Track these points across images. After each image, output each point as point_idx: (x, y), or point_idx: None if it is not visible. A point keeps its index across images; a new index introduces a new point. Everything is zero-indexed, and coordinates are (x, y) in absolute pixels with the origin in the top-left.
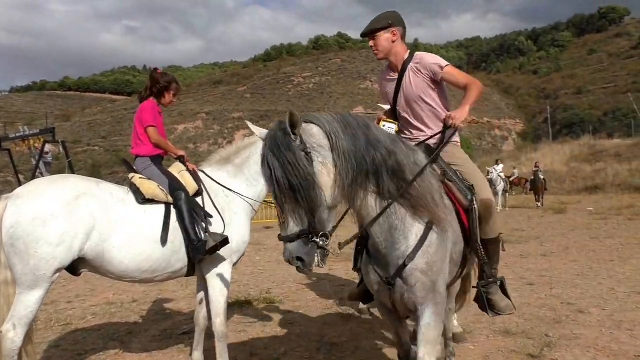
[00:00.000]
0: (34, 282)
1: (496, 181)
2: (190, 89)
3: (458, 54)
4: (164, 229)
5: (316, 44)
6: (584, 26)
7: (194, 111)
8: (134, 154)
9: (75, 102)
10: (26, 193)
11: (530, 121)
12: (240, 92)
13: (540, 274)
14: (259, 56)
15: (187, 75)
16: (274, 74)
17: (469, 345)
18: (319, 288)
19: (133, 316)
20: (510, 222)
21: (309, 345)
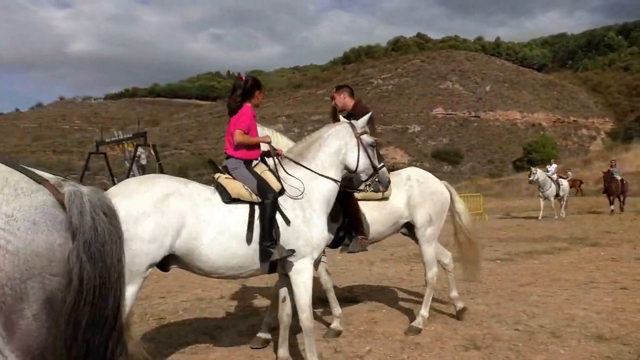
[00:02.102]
0: (129, 278)
1: (544, 184)
2: (271, 93)
3: (542, 52)
4: (249, 228)
5: (395, 45)
6: None
7: (275, 114)
8: (228, 154)
9: (163, 107)
10: (118, 192)
11: (621, 120)
12: (320, 95)
13: (635, 278)
14: (337, 59)
15: (268, 79)
16: (353, 76)
17: (559, 350)
18: (401, 288)
19: (221, 312)
20: (601, 224)
21: (392, 344)
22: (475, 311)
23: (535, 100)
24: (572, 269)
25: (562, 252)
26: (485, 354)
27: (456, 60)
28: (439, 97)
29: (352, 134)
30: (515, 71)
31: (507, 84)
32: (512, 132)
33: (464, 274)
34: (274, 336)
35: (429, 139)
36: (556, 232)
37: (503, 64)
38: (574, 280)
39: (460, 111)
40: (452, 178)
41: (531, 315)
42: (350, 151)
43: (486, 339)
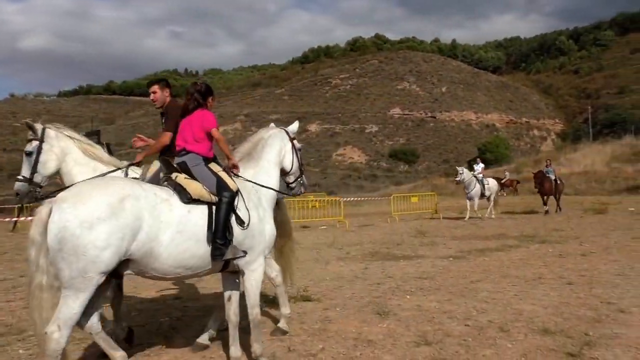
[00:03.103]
0: (81, 285)
1: (469, 184)
2: (229, 91)
3: (497, 54)
4: (209, 227)
5: (354, 45)
6: (627, 25)
7: (233, 113)
8: (188, 149)
9: (119, 105)
10: (71, 197)
11: (570, 121)
12: (278, 94)
13: (580, 273)
14: (296, 58)
15: (227, 78)
16: (312, 76)
17: (507, 344)
18: (356, 286)
19: (176, 312)
20: (549, 222)
21: (346, 342)
22: (427, 308)
23: (490, 101)
24: (522, 265)
25: (512, 249)
26: (435, 349)
27: (413, 61)
28: (396, 97)
29: (287, 137)
30: (471, 73)
31: (462, 85)
32: (467, 133)
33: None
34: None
35: (386, 138)
36: (507, 230)
37: (459, 65)
38: (523, 276)
39: (417, 111)
40: (408, 177)
41: (481, 310)
42: (287, 153)
43: (437, 335)
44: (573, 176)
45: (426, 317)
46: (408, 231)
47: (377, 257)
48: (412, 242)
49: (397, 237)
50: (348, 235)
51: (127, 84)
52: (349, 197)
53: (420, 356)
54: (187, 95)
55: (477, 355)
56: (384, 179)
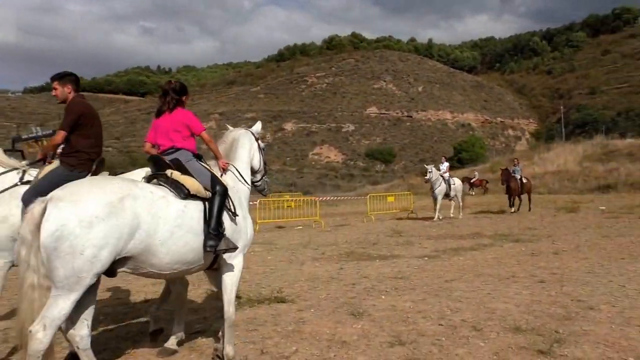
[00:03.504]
0: (74, 285)
1: (435, 183)
2: (204, 89)
3: (472, 54)
4: (205, 222)
5: (330, 44)
6: (598, 26)
7: (207, 111)
8: (177, 147)
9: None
10: (68, 195)
11: (544, 121)
12: (254, 92)
13: (552, 271)
14: (272, 56)
15: (201, 75)
16: (287, 74)
17: (479, 343)
18: (331, 287)
19: (145, 316)
20: (523, 221)
21: (320, 344)
22: (402, 308)
23: (465, 101)
24: (495, 264)
25: (486, 248)
26: (409, 349)
27: (390, 60)
28: (372, 96)
29: (253, 137)
30: (447, 72)
31: (438, 85)
32: (443, 132)
33: None
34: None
35: (363, 138)
36: (482, 229)
37: (435, 65)
38: (497, 275)
39: (394, 111)
40: (384, 177)
41: (455, 310)
42: (255, 152)
43: (411, 335)
44: (547, 175)
45: (401, 317)
46: (384, 231)
47: (353, 257)
48: (387, 242)
49: (373, 236)
50: (324, 235)
51: (96, 80)
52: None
53: (394, 356)
54: (163, 93)
55: (450, 355)
56: (360, 179)
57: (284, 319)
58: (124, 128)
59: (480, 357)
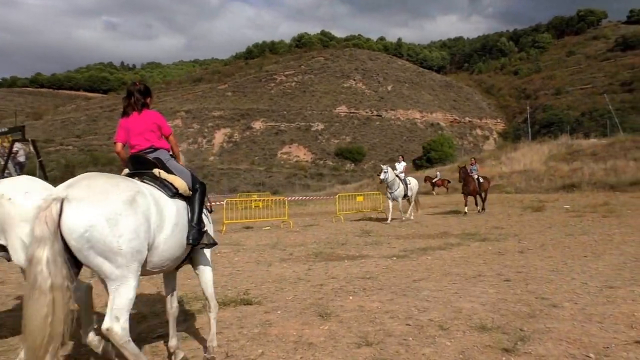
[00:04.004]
0: (128, 274)
1: (392, 184)
2: (169, 86)
3: (441, 54)
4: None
5: (299, 41)
6: (563, 28)
7: (173, 109)
8: (156, 147)
9: (47, 99)
10: (86, 195)
11: (511, 121)
12: (221, 90)
13: (517, 270)
14: (240, 54)
15: (167, 72)
16: (256, 72)
17: (445, 342)
18: (298, 288)
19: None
20: (490, 220)
21: (286, 346)
22: (370, 308)
23: (434, 100)
24: (463, 263)
25: (454, 248)
26: (376, 349)
27: (359, 59)
28: (342, 95)
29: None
30: (416, 72)
31: (407, 84)
32: (412, 131)
33: None
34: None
35: (332, 137)
36: (450, 228)
37: (404, 64)
38: (464, 274)
39: (363, 110)
40: (354, 176)
41: (422, 309)
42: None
43: (378, 335)
44: (514, 175)
45: (368, 318)
46: (353, 231)
47: (321, 258)
48: (356, 242)
49: (342, 237)
50: (292, 235)
51: (56, 76)
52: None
53: (360, 357)
54: (128, 94)
55: (417, 354)
56: (330, 178)
57: (250, 321)
58: (85, 126)
59: (446, 356)
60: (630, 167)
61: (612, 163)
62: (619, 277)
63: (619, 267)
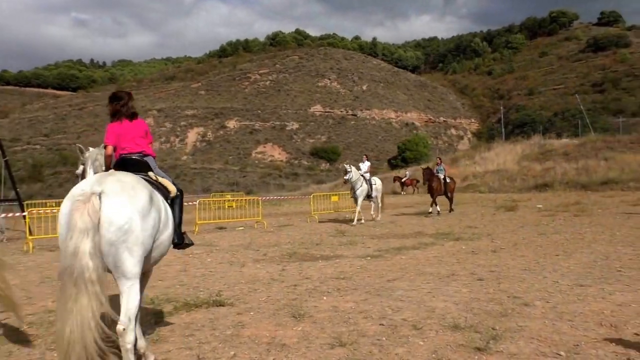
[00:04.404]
0: (139, 273)
1: (356, 183)
2: (141, 84)
3: (416, 54)
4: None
5: (274, 40)
6: (535, 29)
7: (145, 108)
8: (146, 152)
9: (14, 97)
10: (121, 190)
11: (485, 121)
12: (194, 88)
13: (490, 269)
14: (214, 52)
15: (138, 70)
16: (230, 70)
17: (419, 341)
18: (272, 289)
19: None
20: (464, 219)
21: (259, 347)
22: (343, 308)
23: (409, 100)
24: (436, 262)
25: (428, 247)
26: (350, 350)
27: (334, 58)
28: (317, 94)
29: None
30: (391, 71)
31: (382, 84)
32: (387, 131)
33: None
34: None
35: (307, 136)
36: (424, 228)
37: (379, 63)
38: (437, 273)
39: (338, 109)
40: (329, 176)
41: (396, 309)
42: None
43: (352, 336)
44: (487, 174)
45: (342, 318)
46: (327, 231)
47: (295, 258)
48: (331, 242)
49: (317, 237)
50: (266, 235)
51: (23, 73)
52: (268, 196)
53: (334, 358)
54: (119, 99)
55: (390, 354)
56: (305, 177)
57: (223, 322)
58: (53, 124)
59: (419, 355)
60: (601, 166)
61: (584, 163)
62: (590, 275)
63: (590, 265)
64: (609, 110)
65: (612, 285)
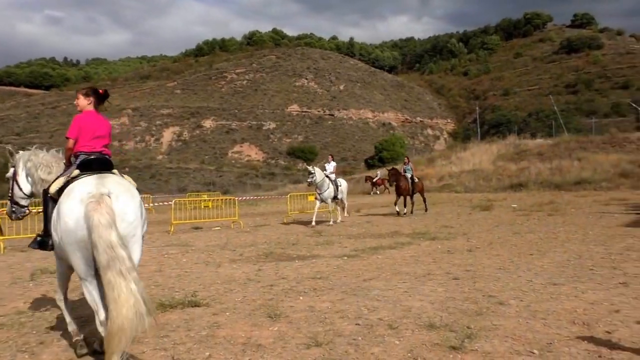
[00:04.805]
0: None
1: (321, 185)
2: (115, 83)
3: (392, 54)
4: None
5: (250, 39)
6: (510, 30)
7: (120, 107)
8: (109, 156)
9: None
10: (126, 190)
11: (461, 121)
12: (170, 87)
13: (466, 268)
14: (190, 51)
15: (113, 68)
16: (206, 69)
17: (394, 341)
18: (248, 289)
19: (45, 325)
20: (440, 219)
21: (234, 348)
22: (320, 308)
23: (386, 100)
24: (413, 262)
25: (404, 247)
26: (326, 350)
27: (311, 57)
28: (294, 94)
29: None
30: (368, 71)
31: (359, 84)
32: (364, 131)
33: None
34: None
35: (284, 136)
36: (400, 227)
37: (356, 63)
38: (413, 273)
39: (315, 109)
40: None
41: (372, 309)
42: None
43: (328, 335)
44: (463, 174)
45: (318, 318)
46: (304, 230)
47: (272, 258)
48: (307, 242)
49: (293, 236)
50: (242, 235)
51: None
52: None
53: (309, 358)
54: (96, 95)
55: (365, 354)
56: (281, 177)
57: (198, 323)
58: (25, 123)
59: (395, 355)
60: (574, 166)
61: (557, 163)
62: (563, 274)
63: (563, 264)
64: (582, 111)
65: (585, 284)
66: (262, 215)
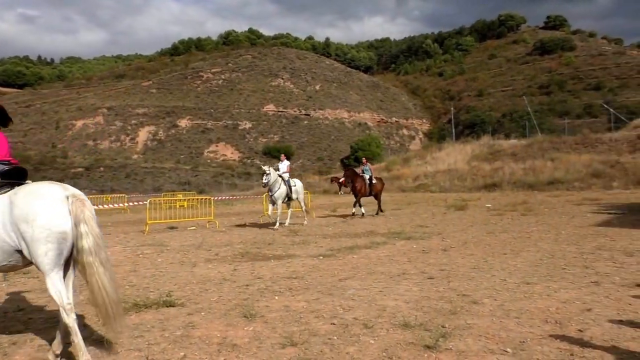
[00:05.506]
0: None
1: (274, 185)
2: (90, 82)
3: (368, 54)
4: None
5: (226, 39)
6: (485, 32)
7: (94, 106)
8: (15, 164)
9: None
10: (82, 195)
11: (436, 121)
12: (145, 87)
13: (440, 268)
14: (165, 50)
15: (87, 67)
16: (182, 68)
17: (369, 340)
18: (223, 289)
19: (18, 325)
20: (415, 219)
21: (209, 348)
22: (295, 308)
23: (362, 100)
24: (388, 262)
25: (380, 246)
26: (301, 349)
27: (287, 57)
28: (270, 94)
29: None
30: (344, 72)
31: (335, 84)
32: (340, 131)
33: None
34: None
35: (260, 135)
36: (376, 227)
37: (332, 64)
38: (388, 272)
39: (291, 109)
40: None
41: (347, 308)
42: None
43: (303, 335)
44: (438, 174)
45: (294, 318)
46: (280, 230)
47: (247, 258)
48: (283, 242)
49: (269, 236)
50: (218, 235)
51: None
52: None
53: (285, 358)
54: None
55: (341, 353)
56: (257, 177)
57: (173, 323)
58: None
59: (370, 354)
60: (547, 167)
61: (531, 163)
62: (536, 273)
63: (536, 263)
64: (555, 112)
65: (557, 283)
66: (237, 215)
